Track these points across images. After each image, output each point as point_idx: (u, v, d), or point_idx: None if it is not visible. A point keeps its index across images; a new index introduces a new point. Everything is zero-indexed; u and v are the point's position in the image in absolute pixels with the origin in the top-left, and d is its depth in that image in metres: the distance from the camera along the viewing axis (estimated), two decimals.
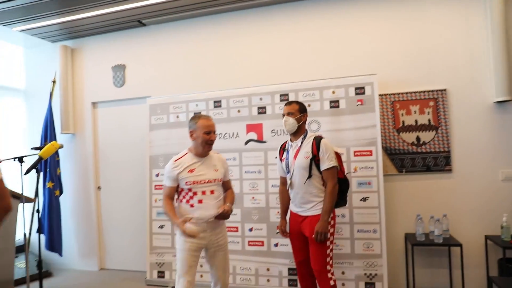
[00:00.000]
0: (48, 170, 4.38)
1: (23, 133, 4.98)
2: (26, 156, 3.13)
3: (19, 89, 4.97)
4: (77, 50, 4.74)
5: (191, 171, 2.48)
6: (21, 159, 3.07)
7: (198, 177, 2.48)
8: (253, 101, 3.71)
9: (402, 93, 3.53)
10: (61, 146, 3.30)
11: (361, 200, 3.36)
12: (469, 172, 3.40)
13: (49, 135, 4.44)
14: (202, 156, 2.54)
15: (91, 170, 4.66)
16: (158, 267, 3.93)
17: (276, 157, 2.99)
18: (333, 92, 3.47)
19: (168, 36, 4.34)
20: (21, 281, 3.86)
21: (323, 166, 2.55)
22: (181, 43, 4.29)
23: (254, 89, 3.73)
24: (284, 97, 3.60)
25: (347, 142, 3.41)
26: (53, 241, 4.38)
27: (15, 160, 3.09)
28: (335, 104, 3.47)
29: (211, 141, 2.50)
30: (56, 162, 4.46)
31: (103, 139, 4.68)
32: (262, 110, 3.69)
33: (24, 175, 2.99)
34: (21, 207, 3.29)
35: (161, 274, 3.91)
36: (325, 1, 3.79)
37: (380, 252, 3.29)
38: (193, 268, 2.47)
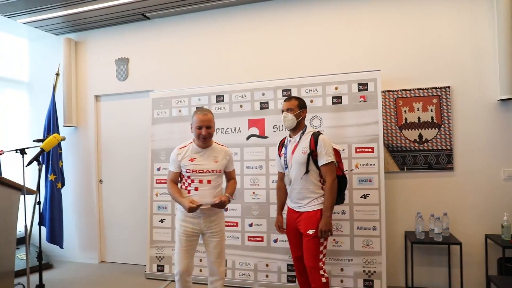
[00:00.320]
0: (51, 162, 4.40)
1: (26, 125, 5.00)
2: (28, 148, 3.14)
3: (22, 81, 4.99)
4: (80, 43, 4.75)
5: (191, 159, 2.64)
6: (23, 151, 3.08)
7: (197, 166, 2.63)
8: (255, 96, 3.71)
9: (405, 90, 3.51)
10: (63, 139, 3.31)
11: (361, 197, 3.35)
12: (471, 170, 3.38)
13: (52, 127, 4.45)
14: (203, 147, 2.67)
15: (93, 164, 4.68)
16: (158, 261, 3.94)
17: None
18: (336, 88, 3.46)
19: (171, 30, 4.34)
20: (21, 273, 3.89)
21: (321, 161, 2.54)
22: (184, 37, 4.29)
23: (256, 84, 3.72)
24: (287, 93, 3.59)
25: (348, 139, 3.40)
26: (54, 234, 4.40)
27: (17, 152, 3.09)
28: (337, 100, 3.45)
29: (202, 135, 2.59)
30: (58, 155, 4.48)
31: (105, 132, 4.69)
32: (264, 105, 3.68)
33: (26, 167, 3.00)
34: (22, 199, 3.30)
35: (160, 268, 3.93)
36: None
37: (380, 249, 3.28)
38: (188, 251, 2.64)
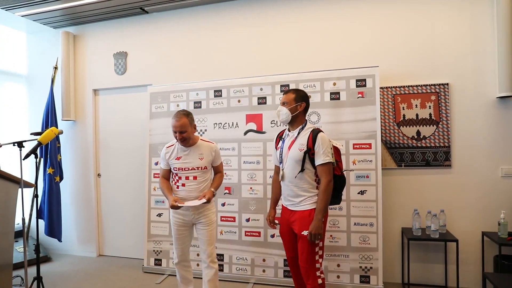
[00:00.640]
0: (49, 156, 4.40)
1: (25, 119, 5.00)
2: (25, 141, 3.13)
3: (21, 74, 4.98)
4: (79, 36, 4.73)
5: (178, 158, 2.83)
6: (20, 144, 3.08)
7: (183, 164, 2.82)
8: (253, 91, 3.70)
9: (403, 87, 3.49)
10: (60, 132, 3.31)
11: (358, 193, 3.35)
12: (468, 167, 3.37)
13: (50, 121, 4.45)
14: (188, 146, 2.82)
15: (91, 157, 4.68)
16: (156, 254, 3.96)
17: None
18: (334, 84, 3.45)
19: (170, 24, 4.32)
20: (20, 265, 3.91)
21: (318, 161, 2.40)
22: (183, 31, 4.27)
23: (254, 79, 3.71)
24: (285, 88, 3.58)
25: (346, 135, 3.39)
26: (53, 227, 4.42)
27: (14, 145, 3.09)
28: (335, 96, 3.44)
29: (178, 139, 2.76)
30: (57, 149, 4.48)
31: (103, 126, 4.69)
32: (262, 101, 3.67)
33: (23, 160, 3.00)
34: (20, 192, 3.30)
35: (158, 262, 3.94)
36: None
37: (376, 245, 3.29)
38: (181, 239, 2.89)
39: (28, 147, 3.35)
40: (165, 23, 4.34)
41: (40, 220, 4.34)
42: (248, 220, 3.65)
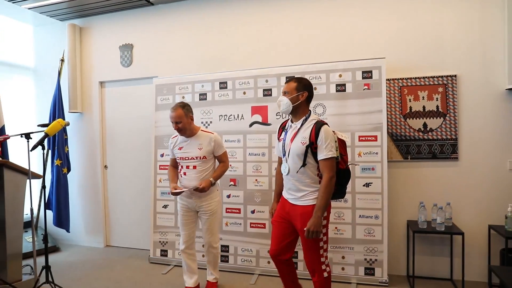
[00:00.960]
0: (56, 148, 4.45)
1: (33, 111, 5.04)
2: (32, 132, 3.17)
3: (28, 67, 5.02)
4: (85, 29, 4.74)
5: (180, 148, 3.04)
6: (28, 136, 3.11)
7: (184, 154, 3.01)
8: (258, 83, 3.68)
9: (410, 78, 3.45)
10: (67, 124, 3.34)
11: (364, 185, 3.34)
12: (476, 160, 3.34)
13: (57, 113, 4.49)
14: (186, 137, 3.01)
15: (98, 149, 4.72)
16: (162, 245, 4.00)
17: None
18: (340, 76, 3.42)
19: (176, 16, 4.30)
20: (29, 255, 3.97)
21: (320, 155, 2.27)
22: (188, 23, 4.25)
23: (260, 71, 3.69)
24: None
25: (352, 127, 3.37)
26: (61, 218, 4.48)
27: (22, 137, 3.13)
28: (341, 87, 3.42)
29: (175, 129, 2.97)
30: (64, 140, 4.53)
31: (110, 118, 4.72)
32: (267, 93, 3.66)
33: (30, 151, 3.04)
34: (28, 183, 3.35)
35: (164, 253, 3.98)
36: None
37: (381, 238, 3.29)
38: (187, 225, 3.09)
39: (36, 139, 3.38)
40: (170, 15, 4.32)
41: (48, 211, 4.41)
42: (253, 212, 3.67)
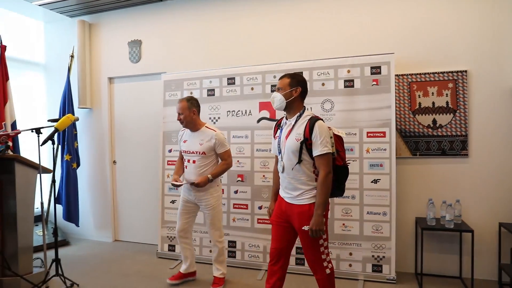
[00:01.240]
0: (66, 143, 4.50)
1: (43, 107, 5.10)
2: (43, 127, 3.21)
3: (39, 63, 5.07)
4: (94, 25, 4.78)
5: (184, 141, 3.16)
6: (38, 130, 3.16)
7: (186, 147, 3.12)
8: (266, 78, 3.67)
9: (420, 74, 3.41)
10: (76, 119, 3.37)
11: (372, 182, 3.32)
12: (486, 157, 3.29)
13: (67, 109, 4.53)
14: (191, 130, 3.12)
15: (107, 145, 4.76)
16: (169, 240, 4.02)
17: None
18: (348, 71, 3.39)
19: (184, 12, 4.31)
20: (39, 248, 4.03)
21: (315, 152, 2.22)
22: (196, 19, 4.26)
23: (268, 67, 3.69)
24: None
25: (360, 123, 3.35)
26: (70, 212, 4.55)
27: (32, 131, 3.17)
28: (349, 83, 3.39)
29: (178, 120, 3.08)
30: (73, 136, 4.58)
31: (119, 114, 4.75)
32: (275, 88, 3.63)
33: (41, 145, 3.08)
34: (39, 178, 3.40)
35: (172, 248, 4.01)
36: None
37: (389, 235, 3.27)
38: (184, 214, 3.22)
39: (46, 134, 3.41)
40: (179, 11, 4.33)
41: (58, 205, 4.46)
42: (260, 208, 3.67)
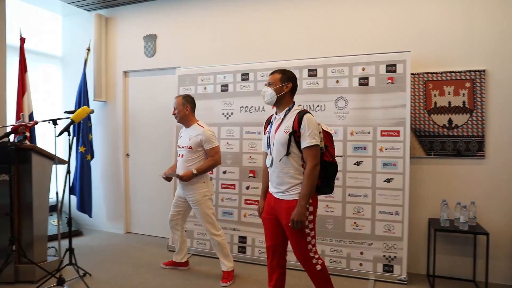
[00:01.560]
0: (81, 135, 4.58)
1: (60, 99, 5.19)
2: (59, 119, 3.26)
3: (56, 56, 5.16)
4: (111, 19, 4.83)
5: (180, 136, 3.34)
6: (55, 122, 3.20)
7: (179, 142, 3.31)
8: None
9: (436, 73, 3.36)
10: (91, 111, 3.42)
11: (385, 181, 3.28)
12: (503, 159, 3.22)
13: (82, 101, 4.61)
14: (186, 126, 3.28)
15: (120, 138, 4.82)
16: None
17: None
18: (363, 69, 3.36)
19: (198, 6, 4.32)
20: (54, 237, 4.11)
21: (303, 143, 2.23)
22: (211, 14, 4.27)
23: (282, 63, 3.65)
24: (312, 72, 3.52)
25: (374, 121, 3.32)
26: (84, 203, 4.62)
27: (49, 122, 3.23)
28: (364, 81, 3.36)
29: (173, 114, 3.28)
30: (88, 128, 4.65)
31: (133, 107, 4.80)
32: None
33: (57, 136, 3.13)
34: (54, 168, 3.47)
35: None
36: None
37: (401, 235, 3.23)
38: (175, 207, 3.43)
39: (62, 125, 3.47)
40: (193, 6, 4.35)
41: (72, 196, 4.54)
42: None
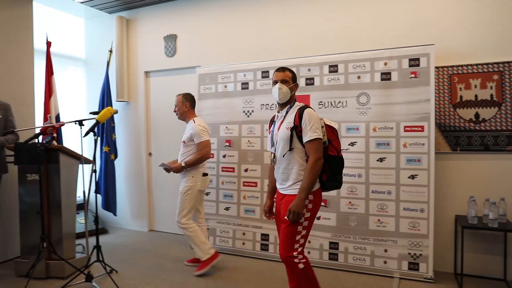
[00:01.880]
0: (105, 135, 4.69)
1: (84, 100, 5.33)
2: (85, 119, 3.34)
3: (80, 58, 5.29)
4: (132, 20, 4.91)
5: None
6: (81, 122, 3.29)
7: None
8: (301, 72, 3.64)
9: (461, 66, 3.27)
10: (115, 112, 3.48)
11: (409, 177, 3.22)
12: None
13: (105, 102, 4.72)
14: (186, 122, 3.51)
15: (143, 137, 4.91)
16: None
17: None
18: (385, 64, 3.30)
19: (218, 6, 4.35)
20: (81, 235, 4.23)
21: (305, 138, 2.24)
22: (230, 12, 4.28)
23: (302, 60, 3.65)
24: (333, 68, 3.49)
25: (397, 117, 3.26)
26: (109, 202, 4.73)
27: (76, 123, 3.31)
28: (386, 76, 3.30)
29: (174, 111, 3.55)
30: (112, 128, 4.76)
31: (154, 107, 4.88)
32: (310, 81, 3.61)
33: (83, 137, 3.21)
34: (81, 168, 3.57)
35: None
36: None
37: (427, 232, 3.17)
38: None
39: (88, 125, 3.56)
40: (213, 5, 4.37)
41: (97, 195, 4.65)
42: None
